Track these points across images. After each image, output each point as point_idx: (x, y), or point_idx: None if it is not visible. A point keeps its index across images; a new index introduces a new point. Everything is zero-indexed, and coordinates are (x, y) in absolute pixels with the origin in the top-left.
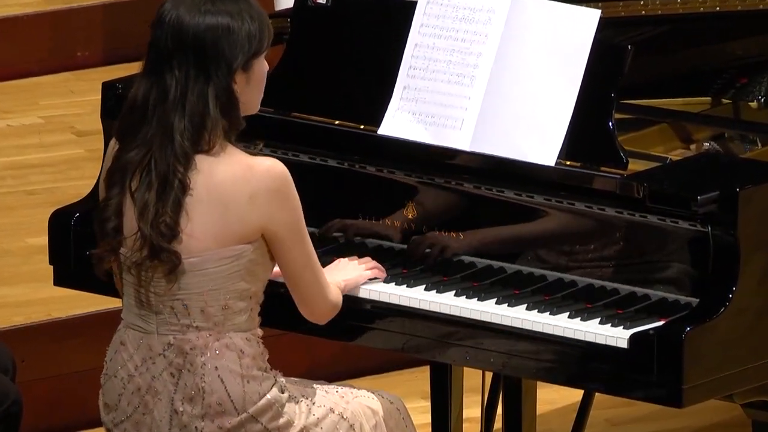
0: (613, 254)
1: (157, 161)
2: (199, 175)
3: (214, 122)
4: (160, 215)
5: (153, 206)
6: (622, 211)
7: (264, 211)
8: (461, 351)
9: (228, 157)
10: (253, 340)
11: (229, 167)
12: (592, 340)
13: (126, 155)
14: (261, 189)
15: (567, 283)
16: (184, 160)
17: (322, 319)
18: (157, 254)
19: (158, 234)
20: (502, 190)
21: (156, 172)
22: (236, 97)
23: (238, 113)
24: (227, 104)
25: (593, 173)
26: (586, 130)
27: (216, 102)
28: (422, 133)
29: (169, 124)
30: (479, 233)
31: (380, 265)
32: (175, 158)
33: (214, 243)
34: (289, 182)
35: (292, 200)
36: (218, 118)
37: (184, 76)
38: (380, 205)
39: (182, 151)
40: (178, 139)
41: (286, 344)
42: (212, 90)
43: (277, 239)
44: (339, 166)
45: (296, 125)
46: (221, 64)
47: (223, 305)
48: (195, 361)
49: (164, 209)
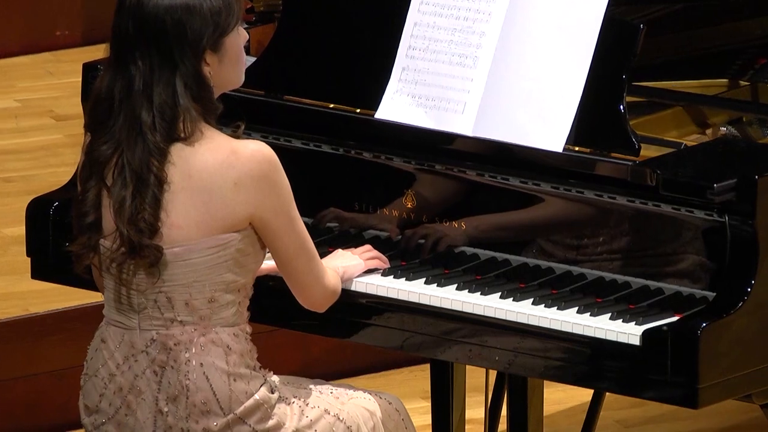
0: (625, 246)
1: (128, 159)
2: (176, 165)
3: (187, 110)
4: (138, 212)
5: (130, 205)
6: (633, 200)
7: (251, 199)
8: (464, 348)
9: (209, 141)
10: (241, 335)
11: (211, 153)
12: (603, 336)
13: (98, 149)
14: (246, 175)
15: (576, 276)
16: (159, 154)
17: (320, 306)
18: (137, 252)
19: (137, 232)
20: (506, 177)
21: (130, 169)
22: (207, 83)
23: (212, 97)
24: (198, 90)
25: (603, 160)
26: (596, 114)
27: (185, 90)
28: (422, 117)
29: (137, 118)
30: (482, 223)
31: (382, 255)
32: (149, 154)
33: (199, 232)
34: (276, 166)
35: (280, 185)
36: (190, 105)
37: (148, 66)
38: (377, 194)
39: (155, 146)
40: (149, 135)
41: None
42: (180, 78)
43: (267, 226)
44: (333, 152)
45: (288, 109)
46: (185, 48)
47: (209, 298)
48: (179, 358)
49: (142, 206)
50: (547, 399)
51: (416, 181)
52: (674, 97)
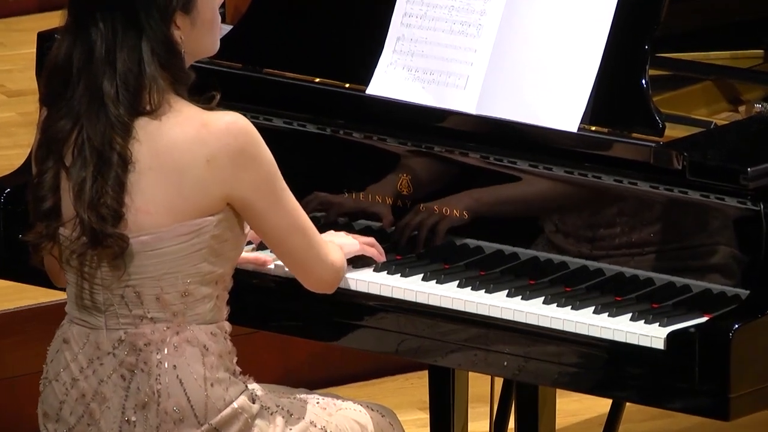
0: (647, 237)
1: (89, 134)
2: (142, 142)
3: (153, 80)
4: (99, 196)
5: (90, 187)
6: (657, 186)
7: (226, 177)
8: (466, 353)
9: (177, 114)
10: (219, 334)
11: (180, 127)
12: (623, 339)
13: (55, 125)
14: (220, 150)
15: (592, 271)
16: (122, 129)
17: (329, 286)
18: (100, 241)
19: (99, 218)
20: (514, 160)
21: (90, 146)
22: (178, 48)
23: (183, 65)
24: (167, 57)
25: (623, 141)
26: (615, 90)
27: (152, 56)
28: (419, 93)
29: (97, 88)
30: (487, 212)
31: (380, 246)
32: (111, 129)
33: (169, 217)
34: (254, 139)
35: (260, 159)
36: (157, 73)
37: (110, 29)
38: (369, 179)
39: (118, 120)
40: (112, 107)
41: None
42: (146, 43)
43: (249, 207)
44: (320, 132)
45: (269, 84)
46: (152, 10)
47: (183, 292)
48: (150, 360)
49: (104, 189)
50: (560, 410)
51: (412, 164)
52: (703, 70)
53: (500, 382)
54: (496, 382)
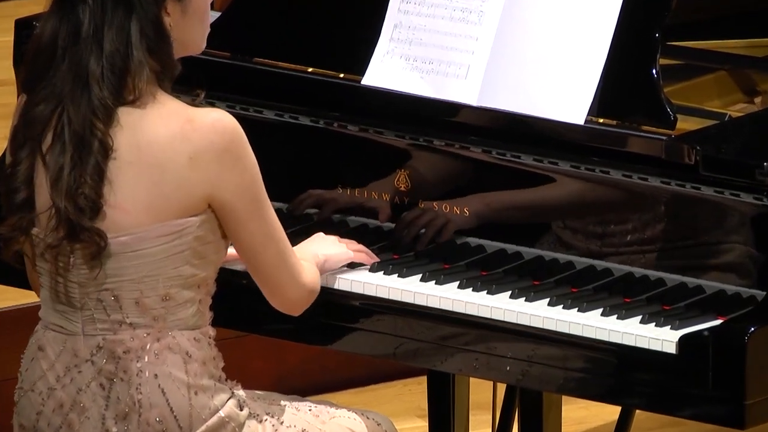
0: (658, 236)
1: (70, 117)
2: (123, 132)
3: (140, 65)
4: (77, 185)
5: (68, 174)
6: (669, 182)
7: (209, 176)
8: (467, 357)
9: (161, 108)
10: (203, 340)
11: (163, 121)
12: (632, 343)
13: (33, 109)
14: (204, 148)
15: (600, 271)
16: (104, 114)
17: (295, 308)
18: (77, 235)
19: (76, 209)
20: (518, 155)
21: (70, 130)
22: (167, 32)
23: (171, 52)
24: (156, 41)
25: (632, 134)
26: (624, 80)
27: (141, 38)
28: (418, 83)
29: (83, 68)
30: (489, 209)
31: (370, 251)
32: (93, 113)
33: (149, 217)
34: (240, 139)
35: (245, 161)
36: (144, 59)
37: (99, 7)
38: (365, 174)
39: (101, 104)
40: (96, 89)
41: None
42: (135, 23)
43: (228, 210)
44: (313, 124)
45: (259, 74)
46: None
47: (164, 296)
48: (129, 368)
49: (82, 178)
50: (565, 418)
51: (411, 159)
52: (717, 59)
53: (503, 389)
54: (498, 388)
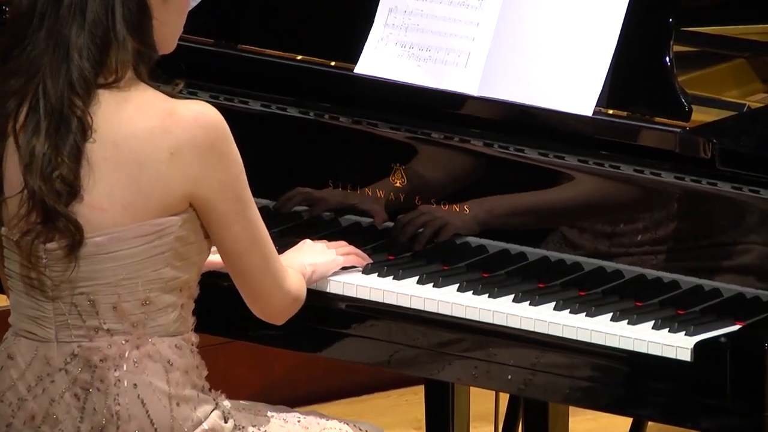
0: (672, 235)
1: (47, 90)
2: (101, 115)
3: (122, 42)
4: (53, 166)
5: (43, 154)
6: (683, 177)
7: (191, 173)
8: (467, 365)
9: (140, 98)
10: (185, 347)
11: (143, 113)
12: (644, 350)
13: (7, 82)
14: (186, 143)
15: (609, 273)
16: (84, 89)
17: (278, 317)
18: (53, 220)
19: (52, 192)
20: (521, 148)
21: (46, 105)
22: (149, 11)
23: (151, 34)
24: (138, 17)
25: (645, 126)
26: (636, 68)
27: (123, 11)
28: (414, 72)
29: (63, 37)
30: (491, 207)
31: (360, 251)
32: (71, 88)
33: (127, 215)
34: (224, 134)
35: (229, 158)
36: (126, 36)
37: None
38: (358, 170)
39: (81, 77)
40: (76, 59)
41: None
42: None
43: (210, 209)
44: (302, 116)
45: (244, 62)
46: None
47: (143, 300)
48: (107, 377)
49: (59, 158)
50: (572, 430)
51: (407, 153)
52: (735, 45)
53: (506, 399)
54: (500, 398)
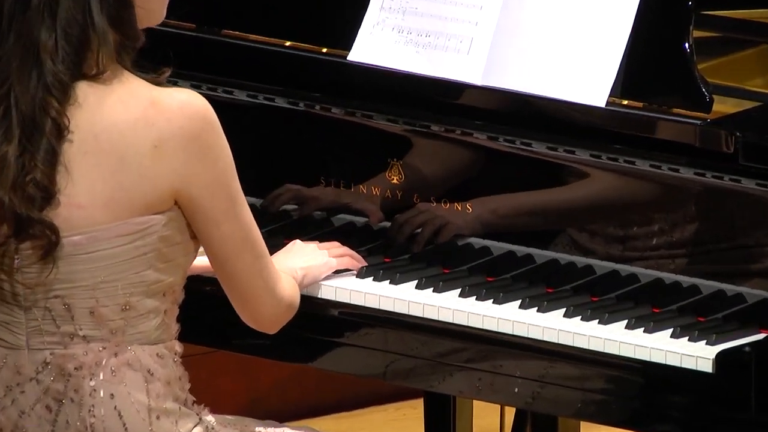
0: (692, 236)
1: (17, 96)
2: (82, 112)
3: (103, 36)
4: (27, 172)
5: (15, 161)
6: (703, 173)
7: (176, 167)
8: (470, 377)
9: (123, 88)
10: (167, 356)
11: (124, 104)
12: (661, 360)
13: None
14: (171, 135)
15: (624, 277)
16: (60, 90)
17: (270, 325)
18: (25, 230)
19: (25, 200)
20: (529, 142)
21: (17, 112)
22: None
23: (134, 21)
24: (117, 9)
25: (662, 117)
26: (652, 55)
27: (101, 5)
28: (413, 59)
29: (32, 39)
30: (496, 205)
31: (354, 253)
32: (46, 89)
33: (107, 213)
34: (212, 124)
35: (217, 151)
36: (106, 29)
37: None
38: (351, 165)
39: (56, 80)
40: (49, 63)
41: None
42: None
43: (197, 207)
44: (291, 107)
45: (229, 48)
46: None
47: (123, 305)
48: (82, 387)
49: (32, 163)
50: None
51: (405, 147)
52: (759, 30)
53: (512, 413)
54: (506, 412)
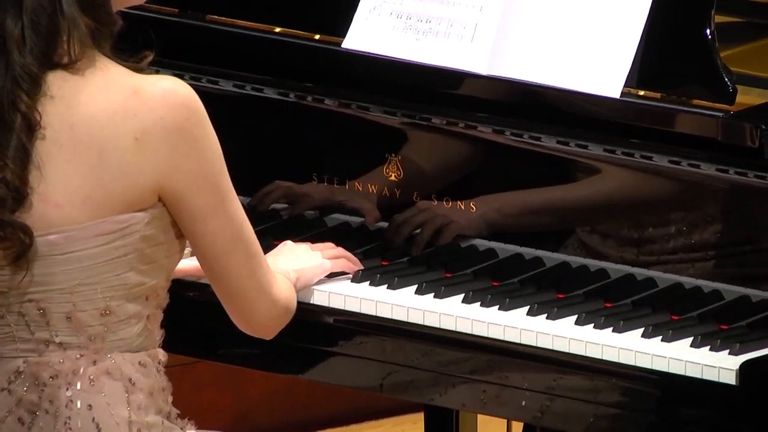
0: (713, 237)
1: None
2: (55, 104)
3: (74, 22)
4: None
5: None
6: (726, 169)
7: (159, 161)
8: (474, 389)
9: (101, 76)
10: (150, 365)
11: (103, 93)
12: (681, 371)
13: None
14: (154, 126)
15: (641, 282)
16: (29, 83)
17: (265, 330)
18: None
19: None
20: (537, 136)
21: None
22: None
23: (107, 4)
24: None
25: (681, 109)
26: (670, 43)
27: None
28: (412, 47)
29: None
30: (502, 204)
31: (350, 254)
32: (14, 82)
33: (85, 211)
34: (196, 114)
35: (204, 142)
36: (77, 16)
37: None
38: (346, 161)
39: (25, 72)
40: (15, 54)
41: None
42: None
43: (184, 204)
44: (281, 98)
45: (214, 35)
46: None
47: (103, 309)
48: (57, 397)
49: (2, 162)
50: None
51: (404, 141)
52: None
53: (519, 428)
54: (513, 427)
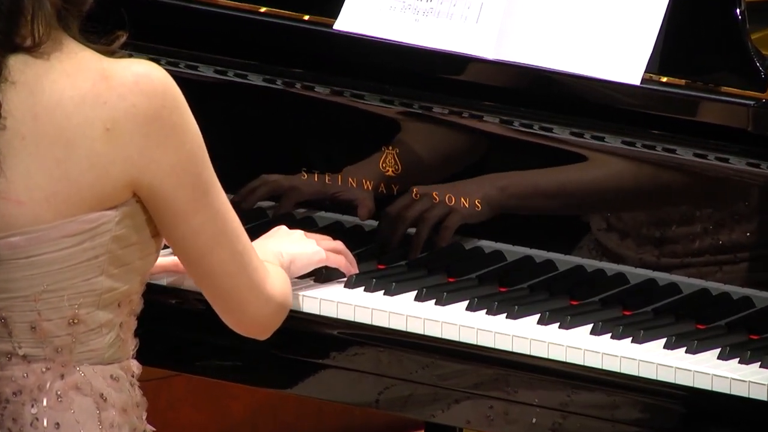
0: (742, 239)
1: None
2: (17, 91)
3: (37, 2)
4: None
5: None
6: (758, 164)
7: (131, 153)
8: (479, 406)
9: (68, 60)
10: (123, 379)
11: (70, 78)
12: (707, 386)
13: None
14: (124, 114)
15: (662, 288)
16: None
17: (260, 329)
18: None
19: None
20: (549, 126)
21: None
22: None
23: None
24: None
25: (708, 97)
26: (696, 25)
27: None
28: (411, 29)
29: None
30: (510, 202)
31: (347, 251)
32: None
33: (50, 210)
34: (173, 101)
35: (182, 131)
36: None
37: None
38: (339, 154)
39: None
40: None
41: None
42: None
43: (162, 200)
44: (267, 85)
45: (193, 15)
46: None
47: (70, 318)
48: (21, 415)
49: None
50: None
51: (401, 132)
52: None
53: None
54: None
